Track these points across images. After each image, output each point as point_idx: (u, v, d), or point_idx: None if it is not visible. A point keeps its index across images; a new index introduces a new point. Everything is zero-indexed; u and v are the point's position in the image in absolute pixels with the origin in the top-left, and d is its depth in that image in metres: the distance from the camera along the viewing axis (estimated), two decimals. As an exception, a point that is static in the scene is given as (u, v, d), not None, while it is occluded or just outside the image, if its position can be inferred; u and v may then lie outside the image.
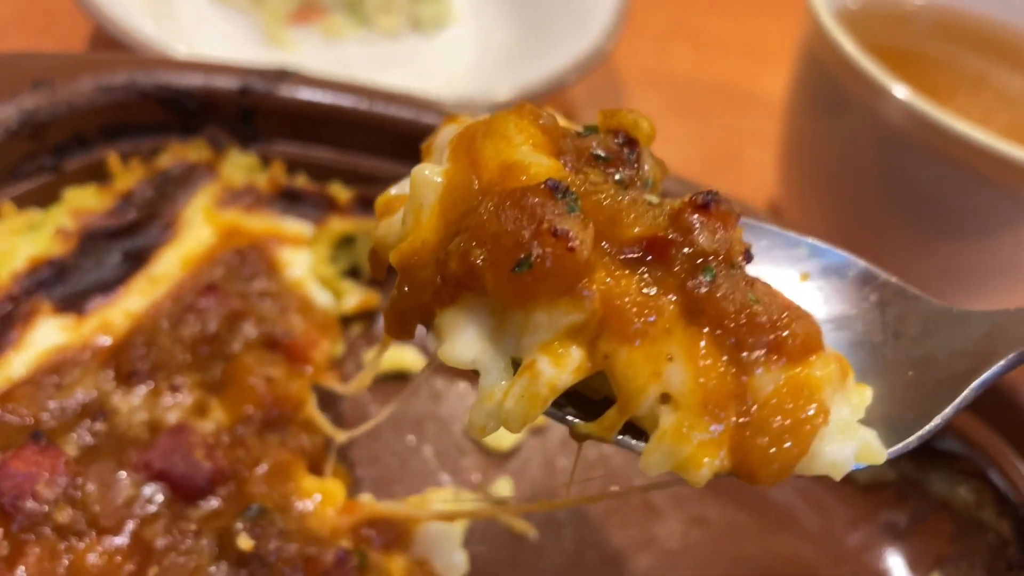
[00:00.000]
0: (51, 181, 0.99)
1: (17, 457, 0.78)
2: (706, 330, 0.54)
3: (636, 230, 0.56)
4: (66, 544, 0.76)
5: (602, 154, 0.62)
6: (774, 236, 0.72)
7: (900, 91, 1.07)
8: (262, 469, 0.83)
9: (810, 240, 0.72)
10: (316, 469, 0.87)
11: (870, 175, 1.17)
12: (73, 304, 0.93)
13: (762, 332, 0.55)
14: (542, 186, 0.54)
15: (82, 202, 0.99)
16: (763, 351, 0.55)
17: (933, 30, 1.32)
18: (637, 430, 0.58)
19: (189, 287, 0.96)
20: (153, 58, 1.11)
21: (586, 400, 0.59)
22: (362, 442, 0.95)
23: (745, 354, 0.55)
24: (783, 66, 1.34)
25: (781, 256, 0.72)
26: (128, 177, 1.01)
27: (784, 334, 0.55)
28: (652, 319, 0.54)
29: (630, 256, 0.56)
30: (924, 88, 1.12)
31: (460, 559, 0.85)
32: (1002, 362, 0.63)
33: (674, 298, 0.55)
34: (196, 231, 1.01)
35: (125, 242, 0.99)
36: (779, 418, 0.54)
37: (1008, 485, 0.92)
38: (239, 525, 0.78)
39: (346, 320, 1.05)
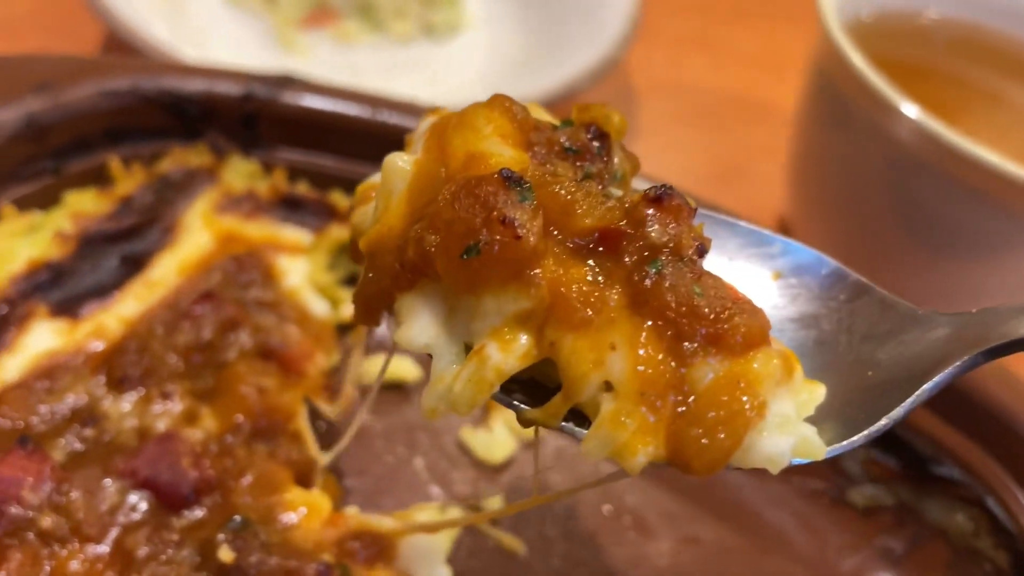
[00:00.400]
0: (52, 184, 1.00)
1: (4, 462, 0.78)
2: (649, 321, 0.56)
3: (588, 221, 0.57)
4: (49, 550, 0.76)
5: (572, 147, 0.63)
6: (748, 234, 0.72)
7: (909, 109, 1.06)
8: (248, 480, 0.83)
9: (783, 238, 0.72)
10: (304, 481, 0.87)
11: (877, 192, 1.15)
12: (68, 308, 0.93)
13: (702, 324, 0.56)
14: (496, 175, 0.56)
15: (82, 205, 0.99)
16: (702, 344, 0.56)
17: (949, 45, 1.30)
18: (586, 418, 0.59)
19: (185, 293, 0.96)
20: (157, 63, 1.11)
21: (545, 388, 0.60)
22: (352, 452, 0.95)
23: (685, 345, 0.56)
24: (800, 78, 1.32)
25: (754, 254, 0.72)
26: (129, 181, 1.02)
27: (724, 327, 0.56)
28: (598, 308, 0.55)
29: (582, 246, 0.57)
30: (937, 105, 1.10)
31: (443, 574, 0.84)
32: (955, 364, 0.62)
33: (621, 289, 0.56)
34: (195, 237, 1.01)
35: (123, 246, 0.99)
36: (714, 410, 0.55)
37: (1006, 515, 0.90)
38: (221, 536, 0.78)
39: (343, 328, 1.05)
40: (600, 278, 0.56)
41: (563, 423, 0.58)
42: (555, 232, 0.57)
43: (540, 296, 0.55)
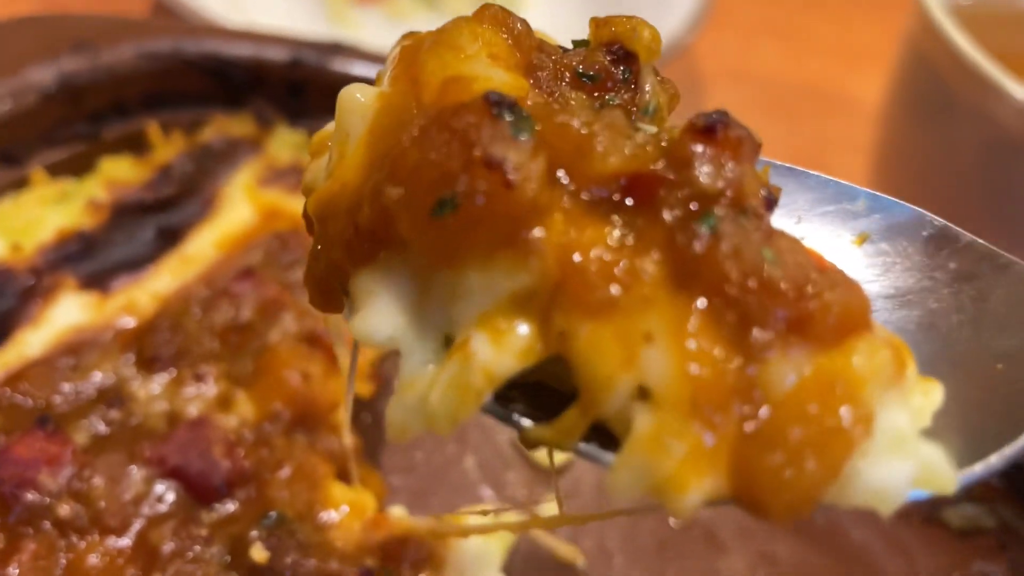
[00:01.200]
0: (87, 149, 0.95)
1: (21, 443, 0.72)
2: (701, 301, 0.41)
3: (612, 162, 0.42)
4: (66, 541, 0.70)
5: (588, 73, 0.49)
6: (823, 186, 0.56)
7: (1018, 90, 0.96)
8: (285, 472, 0.76)
9: (870, 191, 0.57)
10: (346, 477, 0.79)
11: (974, 185, 1.06)
12: (99, 281, 0.87)
13: (779, 304, 0.41)
14: (479, 100, 0.42)
15: (118, 173, 0.93)
16: (780, 331, 0.41)
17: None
18: (613, 436, 0.44)
19: (224, 270, 0.89)
20: (201, 26, 1.05)
21: (556, 393, 0.45)
22: (399, 449, 0.87)
23: (755, 334, 0.41)
24: (879, 69, 1.25)
25: (831, 212, 0.56)
26: (168, 149, 0.96)
27: (811, 307, 0.41)
28: (627, 284, 0.41)
29: (603, 199, 0.43)
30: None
31: (498, 586, 0.76)
32: None
33: (659, 256, 0.41)
34: (236, 210, 0.94)
35: (160, 218, 0.93)
36: (800, 426, 0.40)
37: None
38: (254, 533, 0.71)
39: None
40: (630, 241, 0.42)
41: (582, 444, 0.43)
42: (565, 179, 0.43)
43: (544, 268, 0.41)
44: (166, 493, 0.74)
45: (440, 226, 0.41)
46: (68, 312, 0.83)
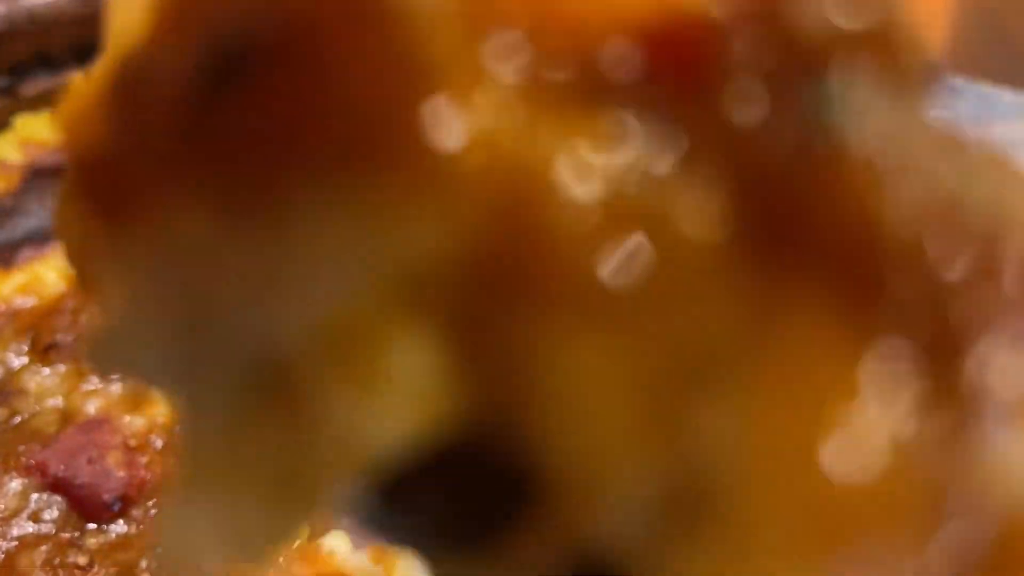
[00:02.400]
0: (2, 106, 0.82)
1: None
2: (816, 286, 0.14)
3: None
4: (-86, 568, 0.57)
5: None
6: (946, 89, 0.34)
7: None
8: (196, 486, 0.62)
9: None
10: (277, 492, 0.66)
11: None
12: (1, 255, 0.75)
13: (997, 292, 0.14)
14: None
15: (35, 132, 0.81)
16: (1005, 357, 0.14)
17: None
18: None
19: (151, 245, 0.76)
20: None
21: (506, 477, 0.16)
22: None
23: (953, 366, 0.14)
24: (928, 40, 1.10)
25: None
26: (96, 106, 0.83)
27: None
28: (653, 253, 0.13)
29: (597, 79, 0.14)
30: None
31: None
32: None
33: (720, 193, 0.14)
34: (171, 177, 0.81)
35: (80, 184, 0.80)
36: None
37: None
38: (145, 563, 0.58)
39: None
40: (657, 165, 0.14)
41: None
42: (514, 40, 0.15)
43: (466, 214, 0.14)
44: (44, 510, 0.60)
45: (216, 106, 0.15)
46: (-44, 289, 0.71)
